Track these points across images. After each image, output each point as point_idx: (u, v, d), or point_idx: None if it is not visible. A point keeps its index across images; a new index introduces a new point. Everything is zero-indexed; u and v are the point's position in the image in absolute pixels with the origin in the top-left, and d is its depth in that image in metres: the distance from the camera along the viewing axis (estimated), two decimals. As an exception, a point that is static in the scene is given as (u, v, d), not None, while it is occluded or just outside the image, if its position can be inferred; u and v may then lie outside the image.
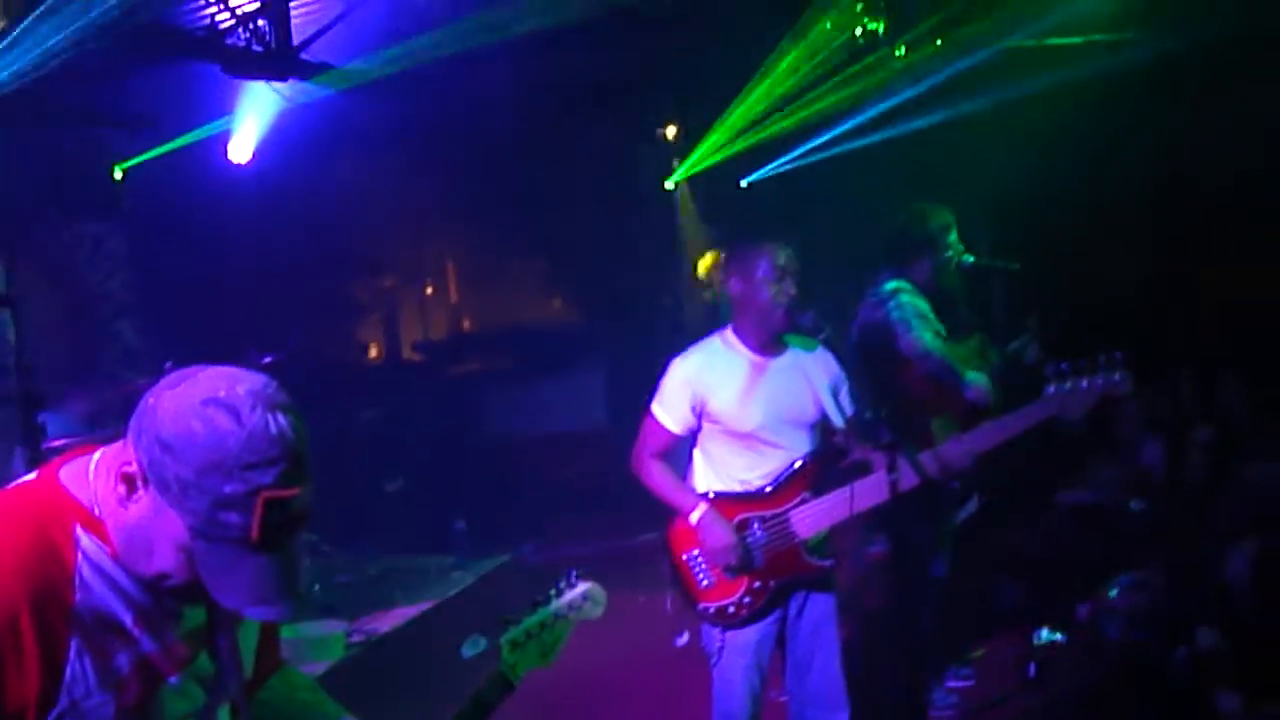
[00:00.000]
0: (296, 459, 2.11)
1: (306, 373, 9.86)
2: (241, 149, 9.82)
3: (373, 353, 14.34)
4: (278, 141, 9.98)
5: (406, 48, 8.75)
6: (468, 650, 7.52)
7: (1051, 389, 5.00)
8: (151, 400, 2.13)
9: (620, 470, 5.39)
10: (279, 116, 9.50)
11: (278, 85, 8.84)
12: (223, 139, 9.55)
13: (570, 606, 3.00)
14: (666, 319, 13.40)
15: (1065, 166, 10.42)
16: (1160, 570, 7.40)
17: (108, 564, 2.20)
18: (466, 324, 16.06)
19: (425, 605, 8.13)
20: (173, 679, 2.31)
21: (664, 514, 5.24)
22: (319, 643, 7.13)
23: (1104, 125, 10.39)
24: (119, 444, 2.20)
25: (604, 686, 7.43)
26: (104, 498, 2.19)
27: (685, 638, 5.39)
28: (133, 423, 2.14)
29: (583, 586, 3.03)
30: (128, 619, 2.22)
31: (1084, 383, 4.96)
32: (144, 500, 2.12)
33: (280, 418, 2.11)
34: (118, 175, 9.22)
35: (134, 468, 2.11)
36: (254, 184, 10.53)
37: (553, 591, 3.01)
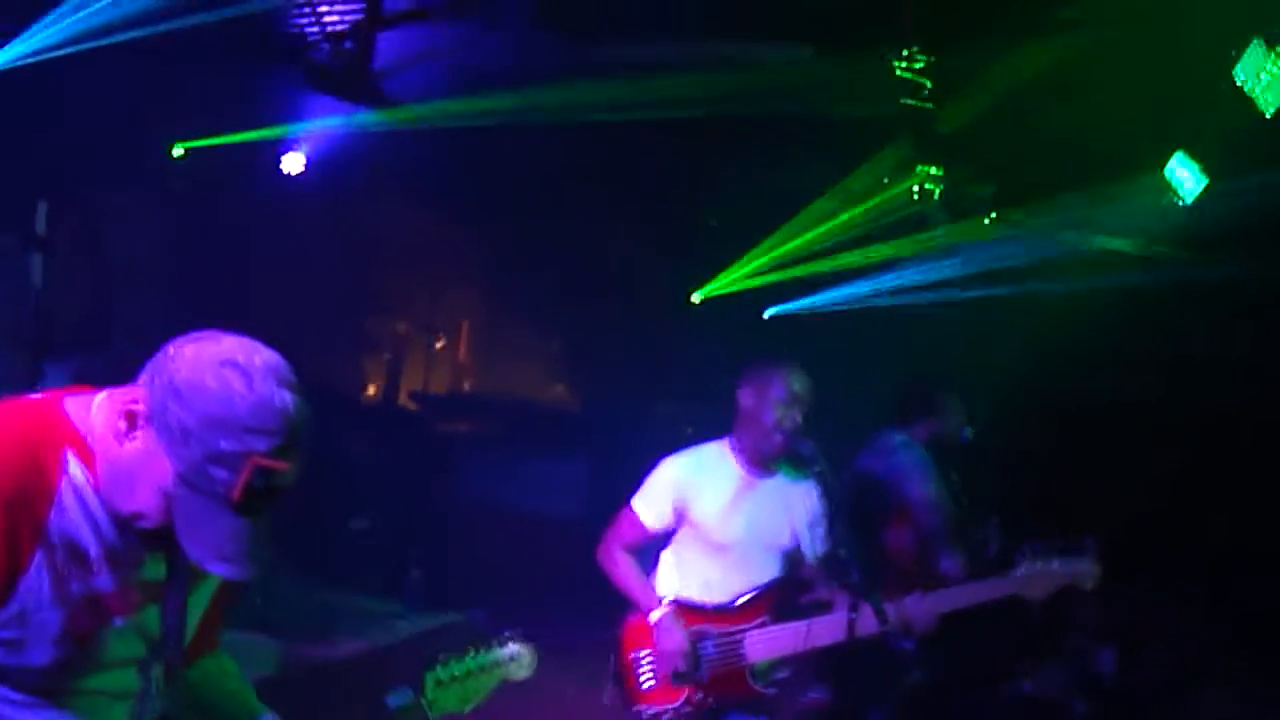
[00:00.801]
0: (293, 436, 2.23)
1: (306, 395, 9.92)
2: (297, 161, 9.90)
3: (370, 391, 14.35)
4: (331, 162, 10.08)
5: (478, 103, 8.81)
6: (393, 700, 7.47)
7: (1021, 569, 5.05)
8: (172, 350, 2.26)
9: (585, 563, 5.39)
10: (340, 138, 9.57)
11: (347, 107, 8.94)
12: (279, 145, 9.59)
13: (498, 663, 3.09)
14: (663, 423, 13.41)
15: (1080, 374, 10.49)
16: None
17: (89, 494, 2.30)
18: (467, 385, 16.09)
19: (363, 645, 8.12)
20: (119, 621, 2.38)
21: (617, 615, 5.24)
22: (250, 653, 7.11)
23: (1128, 340, 10.47)
24: (128, 385, 2.31)
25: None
26: (101, 432, 2.30)
27: (612, 733, 5.37)
28: (149, 366, 2.26)
29: (515, 647, 3.13)
30: (93, 550, 2.31)
31: (1054, 564, 5.02)
32: (140, 439, 2.24)
33: (288, 395, 2.24)
34: (177, 152, 9.25)
35: (140, 406, 2.23)
36: (298, 197, 10.64)
37: (485, 645, 3.10)
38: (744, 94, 8.68)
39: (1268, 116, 7.24)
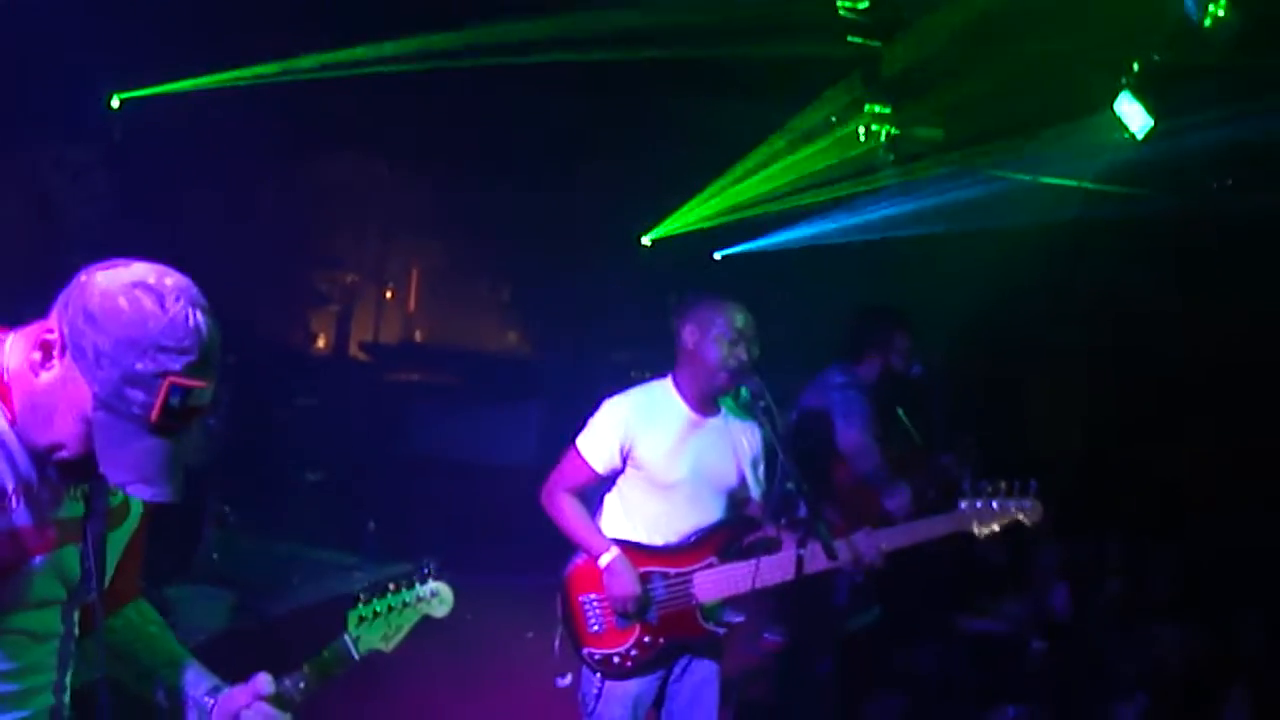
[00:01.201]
0: (206, 355, 2.28)
1: (255, 350, 9.86)
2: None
3: (320, 343, 14.28)
4: (274, 112, 9.97)
5: (418, 44, 8.67)
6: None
7: (963, 504, 5.08)
8: (84, 277, 2.29)
9: (538, 509, 5.35)
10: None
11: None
12: (223, 94, 9.39)
13: (419, 598, 3.07)
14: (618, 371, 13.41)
15: (1033, 303, 10.56)
16: (1047, 711, 7.44)
17: (4, 427, 2.33)
18: (418, 334, 16.04)
19: (319, 596, 8.11)
20: (36, 559, 2.40)
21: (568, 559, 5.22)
22: (206, 606, 7.12)
23: (1078, 272, 10.53)
24: (38, 322, 2.33)
25: (480, 710, 7.42)
26: (16, 367, 2.33)
27: (568, 679, 5.35)
28: (61, 296, 2.30)
29: (434, 584, 3.09)
30: (9, 484, 2.33)
31: (994, 503, 5.06)
32: (56, 369, 2.27)
33: (200, 315, 2.29)
34: (114, 104, 9.11)
35: (54, 335, 2.26)
36: (245, 147, 10.53)
37: (405, 581, 3.07)
38: (689, 32, 8.60)
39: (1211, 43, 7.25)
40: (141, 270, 2.30)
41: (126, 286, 2.25)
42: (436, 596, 3.09)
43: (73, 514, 2.47)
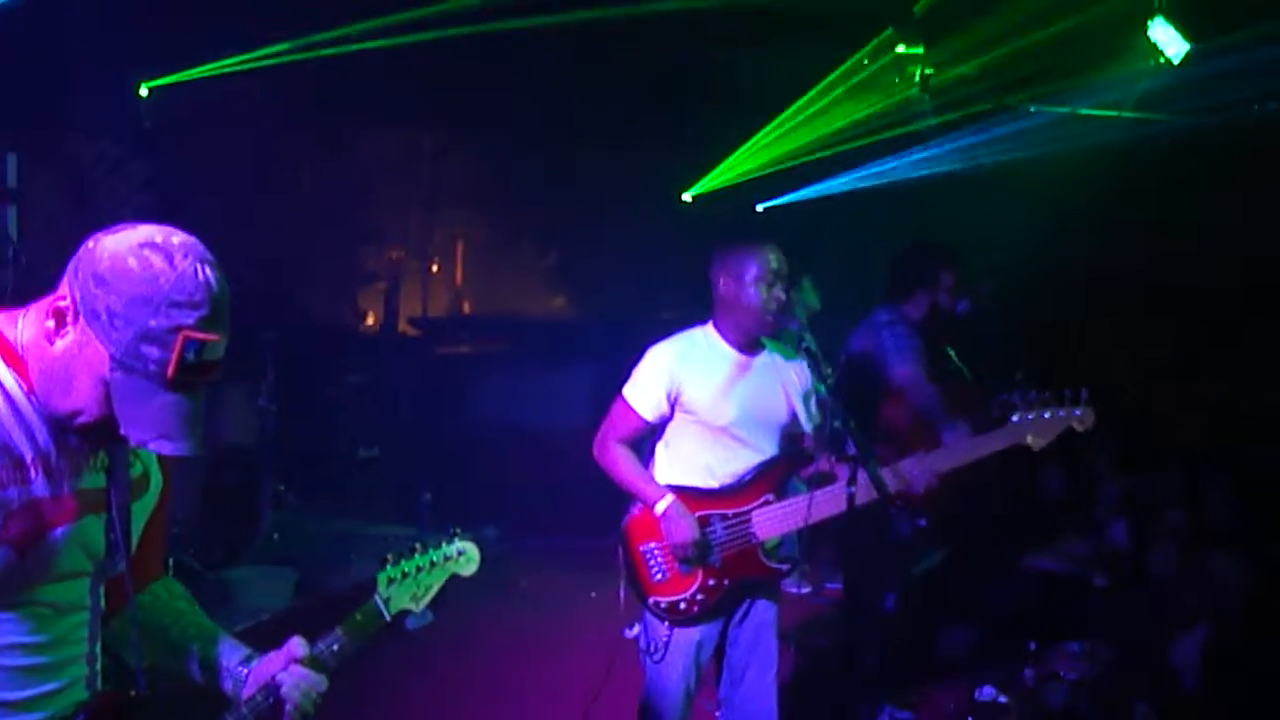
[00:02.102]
0: (218, 308, 2.31)
1: (303, 330, 9.90)
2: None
3: (369, 320, 14.32)
4: (315, 88, 9.94)
5: (450, 7, 8.59)
6: (412, 622, 7.51)
7: (1015, 417, 5.04)
8: (91, 243, 2.32)
9: (594, 472, 5.34)
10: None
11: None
12: (255, 75, 9.36)
13: (446, 558, 3.07)
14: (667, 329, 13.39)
15: (1081, 235, 10.45)
16: (1111, 645, 7.39)
17: (21, 399, 2.36)
18: (466, 306, 16.07)
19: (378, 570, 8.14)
20: (59, 530, 2.41)
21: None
22: (269, 586, 7.16)
23: (1124, 203, 10.40)
24: (51, 294, 2.35)
25: (546, 670, 7.46)
26: (31, 338, 2.35)
27: (636, 629, 5.35)
28: (71, 263, 2.32)
29: (461, 543, 3.10)
30: (28, 455, 2.36)
31: (1046, 413, 5.00)
32: (71, 335, 2.30)
33: (208, 270, 2.31)
34: (143, 93, 9.12)
35: (67, 302, 2.29)
36: (284, 130, 10.54)
37: (432, 542, 3.08)
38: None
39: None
40: (148, 230, 2.33)
41: (134, 247, 2.28)
42: (464, 555, 3.10)
43: (94, 484, 2.48)
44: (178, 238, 2.33)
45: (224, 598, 7.24)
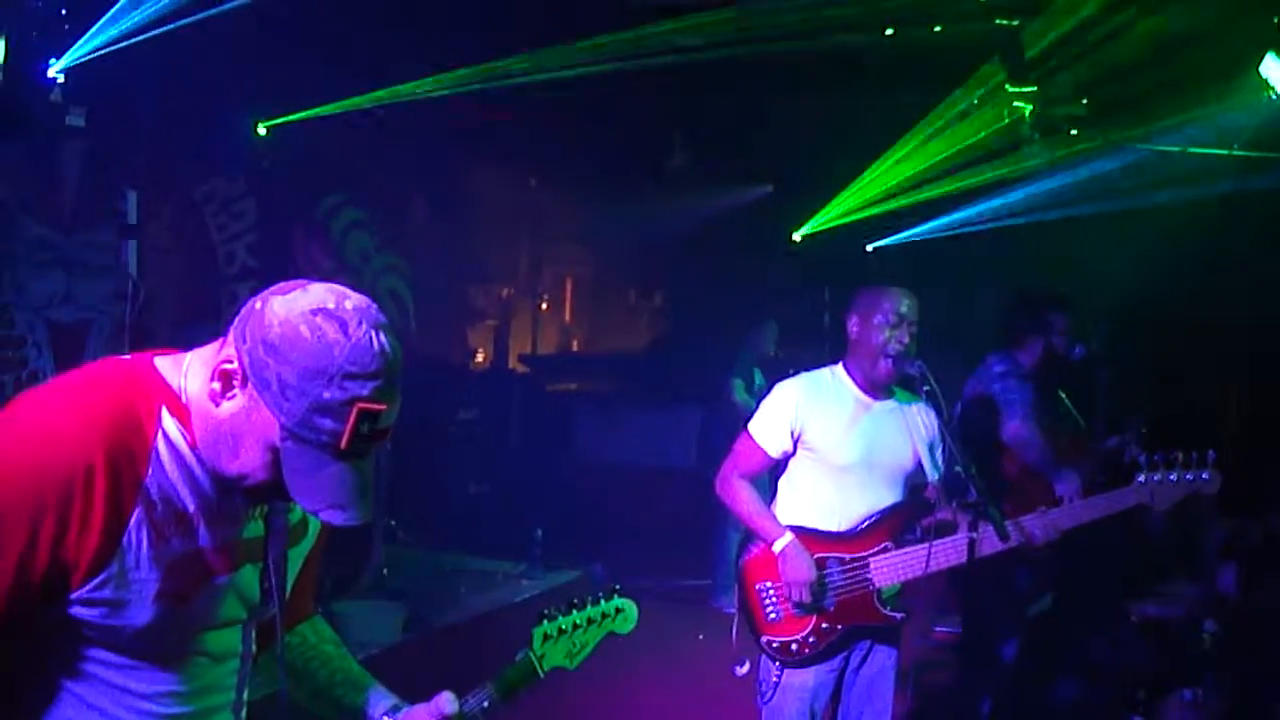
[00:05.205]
0: (391, 376, 2.23)
1: (414, 365, 10.01)
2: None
3: (479, 357, 14.47)
4: (426, 128, 10.06)
5: (555, 57, 8.68)
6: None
7: (1141, 478, 5.03)
8: (259, 305, 2.25)
9: (699, 513, 5.38)
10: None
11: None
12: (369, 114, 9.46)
13: (604, 615, 3.07)
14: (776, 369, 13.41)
15: (1192, 279, 10.31)
16: (1222, 693, 7.28)
17: (185, 450, 2.31)
18: (575, 344, 16.19)
19: (488, 605, 8.21)
20: (218, 580, 2.40)
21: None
22: (378, 621, 7.24)
23: (1236, 245, 10.27)
24: (213, 344, 2.33)
25: (656, 708, 7.50)
26: (194, 392, 2.31)
27: (745, 667, 5.37)
28: (236, 323, 2.26)
29: (619, 600, 3.10)
30: (191, 507, 2.33)
31: (1172, 475, 4.98)
32: (239, 399, 2.24)
33: (382, 336, 2.24)
34: (261, 131, 9.31)
35: (234, 365, 2.23)
36: (393, 167, 10.68)
37: (590, 598, 3.07)
38: (829, 26, 8.55)
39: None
40: (319, 294, 2.26)
41: (306, 314, 2.21)
42: (621, 614, 3.10)
43: (254, 534, 2.47)
44: (350, 301, 2.26)
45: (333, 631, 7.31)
